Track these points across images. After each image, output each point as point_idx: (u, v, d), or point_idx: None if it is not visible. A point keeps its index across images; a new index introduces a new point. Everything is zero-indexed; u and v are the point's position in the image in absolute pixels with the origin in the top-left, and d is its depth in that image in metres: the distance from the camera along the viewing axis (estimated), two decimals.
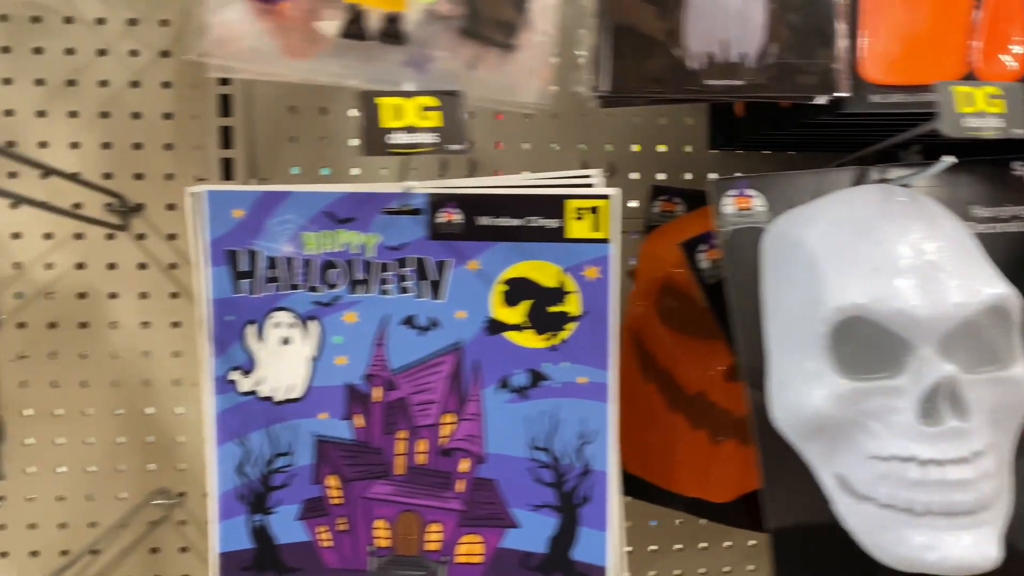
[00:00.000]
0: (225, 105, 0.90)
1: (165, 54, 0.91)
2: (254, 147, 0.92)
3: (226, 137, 0.90)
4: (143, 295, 0.94)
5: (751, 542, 1.04)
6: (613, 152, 0.99)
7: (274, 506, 0.78)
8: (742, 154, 1.01)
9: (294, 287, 0.76)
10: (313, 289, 0.76)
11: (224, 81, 0.89)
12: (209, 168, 0.91)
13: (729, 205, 0.74)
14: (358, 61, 0.63)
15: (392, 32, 0.62)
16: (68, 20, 0.90)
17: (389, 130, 0.56)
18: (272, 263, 0.76)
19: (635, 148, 1.00)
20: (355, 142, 0.95)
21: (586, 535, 0.75)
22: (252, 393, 0.77)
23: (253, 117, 0.92)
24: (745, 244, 0.73)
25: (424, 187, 0.70)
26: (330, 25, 0.61)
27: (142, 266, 0.93)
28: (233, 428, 0.78)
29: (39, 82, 0.90)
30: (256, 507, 0.78)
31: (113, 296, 0.94)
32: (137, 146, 0.92)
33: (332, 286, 0.75)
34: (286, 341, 0.77)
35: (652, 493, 0.89)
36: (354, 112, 0.94)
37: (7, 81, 0.90)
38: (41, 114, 0.90)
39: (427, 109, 0.57)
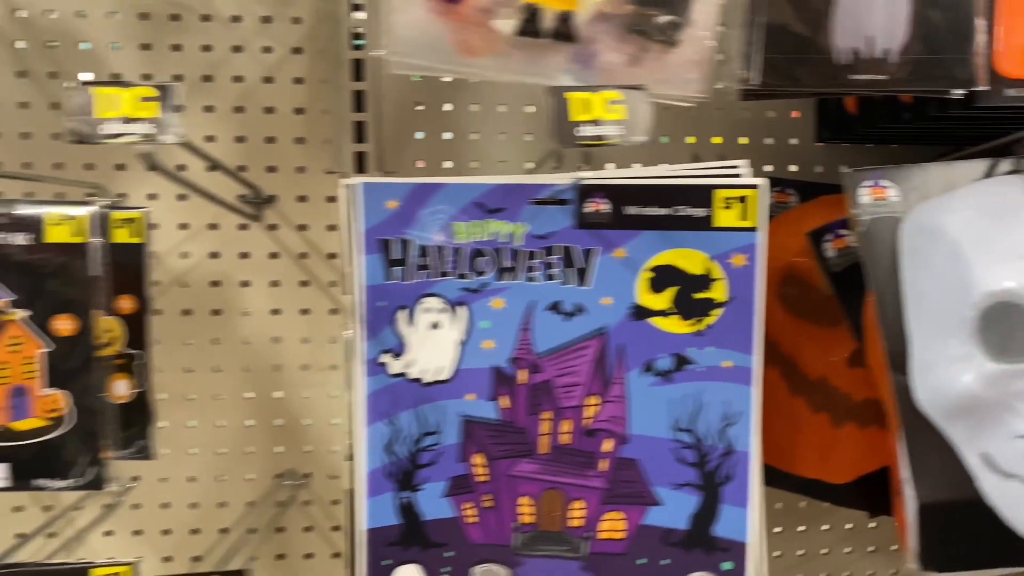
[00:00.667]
0: (358, 101, 0.93)
1: (297, 51, 0.95)
2: (382, 142, 0.96)
3: (358, 132, 0.94)
4: (274, 283, 0.97)
5: (871, 524, 1.06)
6: (722, 144, 1.02)
7: (421, 483, 0.81)
8: (846, 147, 1.03)
9: (444, 274, 0.79)
10: (462, 276, 0.79)
11: (358, 78, 0.93)
12: (340, 161, 0.95)
13: (865, 195, 0.77)
14: (528, 58, 0.66)
15: (564, 30, 0.65)
16: (205, 18, 0.93)
17: (578, 123, 0.59)
18: (423, 251, 0.79)
19: (743, 140, 1.03)
20: (475, 136, 0.98)
21: (728, 512, 0.78)
22: (402, 375, 0.81)
23: (381, 113, 0.95)
24: (883, 233, 0.76)
25: (589, 177, 0.73)
26: (507, 24, 0.64)
27: (273, 255, 0.97)
28: (383, 408, 0.81)
29: (177, 77, 0.94)
30: (404, 484, 0.82)
31: (245, 284, 0.97)
32: (270, 140, 0.95)
33: (480, 273, 0.79)
34: (435, 325, 0.80)
35: (772, 475, 0.92)
36: (476, 107, 0.98)
37: (147, 76, 0.93)
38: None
39: (613, 103, 0.61)
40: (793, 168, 1.04)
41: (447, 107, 0.98)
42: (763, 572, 0.78)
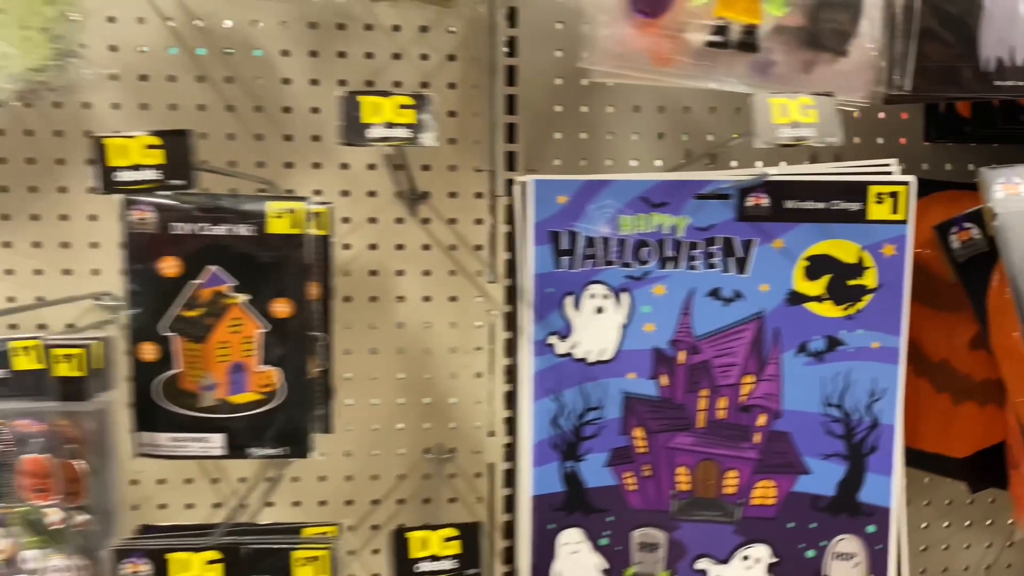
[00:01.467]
0: (510, 104, 1.01)
1: (451, 58, 1.02)
2: (529, 142, 1.03)
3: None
4: (426, 273, 1.05)
5: (968, 501, 1.13)
6: (837, 145, 1.09)
7: (584, 454, 0.89)
8: (952, 146, 1.10)
9: (609, 263, 0.87)
10: (626, 265, 0.87)
11: (511, 83, 1.00)
12: (490, 160, 1.02)
13: (999, 191, 0.84)
14: (712, 66, 0.73)
15: (748, 42, 0.72)
16: (368, 27, 1.01)
17: (779, 125, 0.66)
18: (590, 242, 0.87)
19: (856, 140, 1.10)
20: (610, 136, 1.06)
21: (872, 480, 0.85)
22: (568, 355, 0.89)
23: (528, 115, 1.02)
24: (1016, 224, 0.83)
25: (772, 173, 0.80)
26: (698, 36, 0.71)
27: (426, 247, 1.05)
28: (549, 385, 0.89)
29: (342, 82, 1.01)
30: (568, 455, 0.89)
31: (400, 274, 1.05)
32: None
33: (643, 262, 0.86)
34: (600, 310, 0.88)
35: None
36: (611, 109, 1.05)
37: (314, 82, 1.01)
38: None
39: (806, 107, 0.68)
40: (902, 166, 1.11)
41: (583, 109, 1.05)
42: (903, 536, 0.85)
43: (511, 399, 1.06)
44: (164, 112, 0.99)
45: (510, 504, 1.05)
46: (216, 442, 0.82)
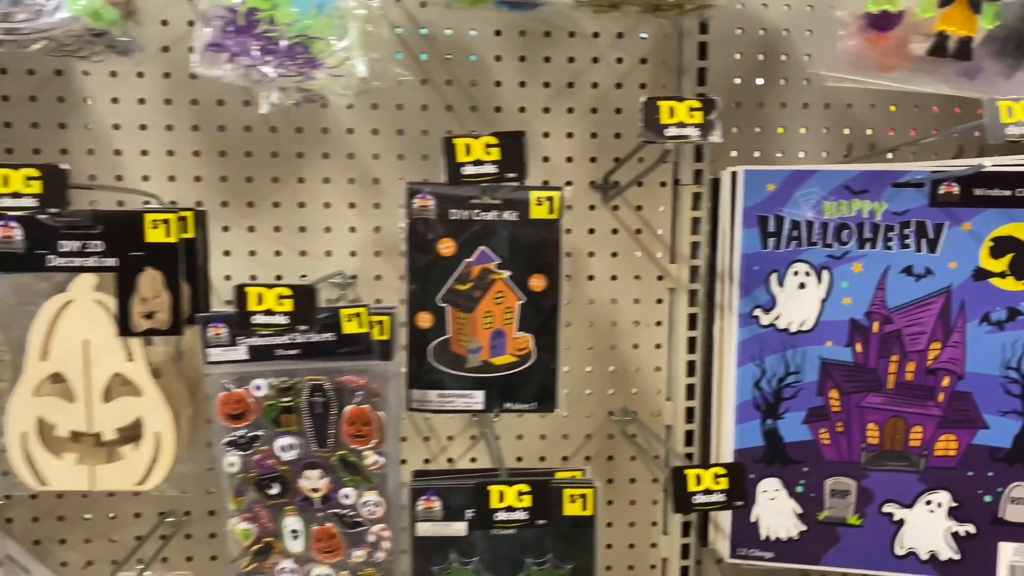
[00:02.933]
0: None
1: (643, 61, 1.14)
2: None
3: None
4: (613, 254, 1.17)
5: None
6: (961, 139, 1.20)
7: (783, 413, 1.01)
8: None
9: (811, 244, 0.99)
10: (828, 245, 0.98)
11: (701, 83, 1.12)
12: (675, 152, 1.14)
13: None
14: (928, 73, 0.85)
15: (963, 51, 0.83)
16: (571, 34, 1.13)
17: (1006, 124, 0.77)
18: (795, 225, 0.98)
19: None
20: (781, 130, 1.17)
21: None
22: (771, 326, 1.01)
23: None
24: None
25: (991, 163, 0.91)
26: (920, 47, 0.83)
27: (614, 231, 1.17)
28: (752, 352, 1.01)
29: (546, 84, 1.13)
30: (768, 414, 1.02)
31: (591, 255, 1.17)
32: (617, 135, 1.15)
33: (843, 243, 0.98)
34: (802, 286, 1.00)
35: None
36: (782, 106, 1.17)
37: (522, 84, 1.13)
38: (546, 110, 1.14)
39: None
40: None
41: (759, 105, 1.17)
42: None
43: (692, 367, 1.19)
44: (392, 111, 1.12)
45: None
46: (478, 398, 0.95)
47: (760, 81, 1.16)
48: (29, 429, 0.86)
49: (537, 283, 0.93)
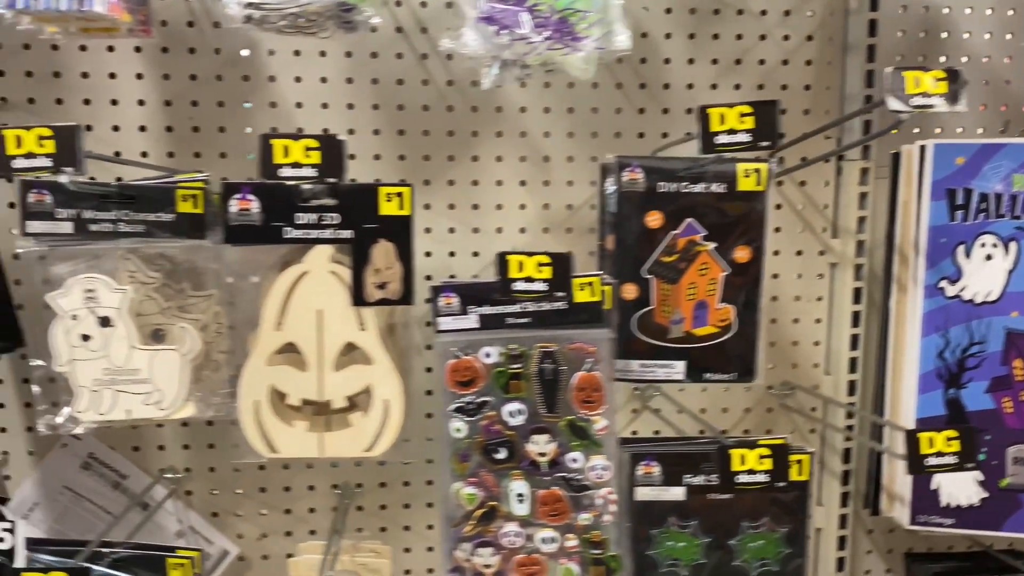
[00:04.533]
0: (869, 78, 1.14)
1: (809, 38, 1.15)
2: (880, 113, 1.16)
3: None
4: (776, 229, 1.19)
5: None
6: None
7: (966, 382, 1.03)
8: None
9: (999, 216, 1.00)
10: (1015, 217, 1.00)
11: (870, 59, 1.14)
12: (838, 128, 1.16)
13: None
14: None
15: None
16: (739, 12, 1.14)
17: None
18: (983, 198, 1.00)
19: None
20: None
21: None
22: (956, 297, 1.02)
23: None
24: None
25: None
26: None
27: (778, 206, 1.18)
28: (937, 323, 1.03)
29: (714, 61, 1.15)
30: (951, 383, 1.03)
31: None
32: (782, 111, 1.15)
33: None
34: (989, 257, 1.01)
35: None
36: None
37: (691, 61, 1.15)
38: (714, 87, 1.15)
39: None
40: None
41: None
42: None
43: (855, 341, 1.21)
44: (563, 90, 1.13)
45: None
46: (679, 369, 0.97)
47: (921, 59, 1.18)
48: (262, 398, 0.89)
49: (741, 255, 0.95)
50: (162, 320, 0.91)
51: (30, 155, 0.75)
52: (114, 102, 1.07)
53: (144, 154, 1.09)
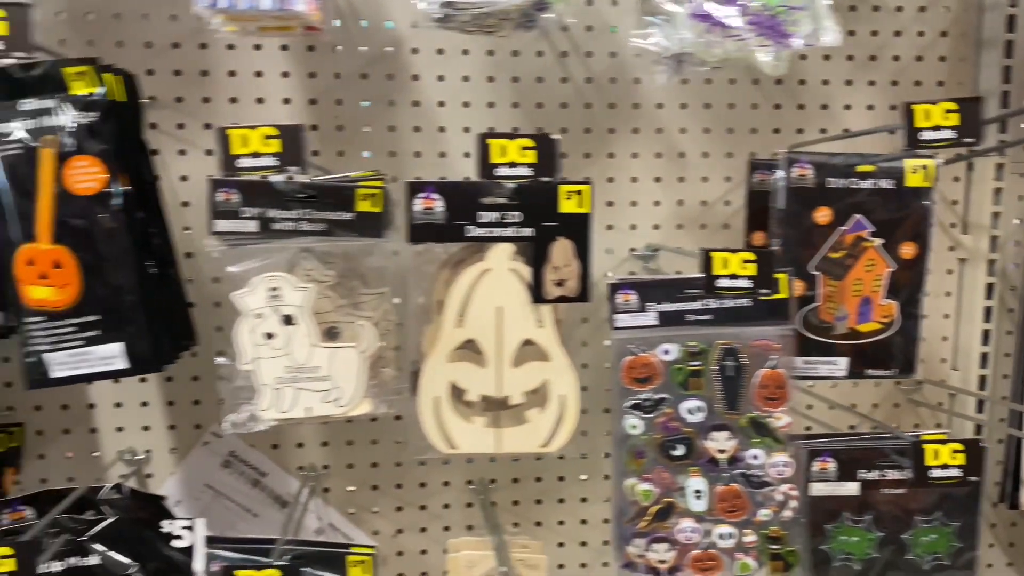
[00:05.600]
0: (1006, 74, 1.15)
1: (944, 34, 1.15)
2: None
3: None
4: None
5: None
6: None
7: None
8: None
9: None
10: None
11: (1008, 55, 1.14)
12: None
13: None
14: None
15: None
16: (875, 8, 1.15)
17: None
18: None
19: None
20: None
21: None
22: None
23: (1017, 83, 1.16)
24: None
25: None
26: None
27: None
28: None
29: (849, 58, 1.15)
30: None
31: None
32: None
33: None
34: None
35: None
36: None
37: (826, 57, 1.15)
38: (848, 83, 1.16)
39: None
40: None
41: None
42: None
43: (986, 336, 1.21)
44: (700, 86, 1.14)
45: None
46: (841, 365, 0.97)
47: None
48: (442, 394, 0.89)
49: (907, 251, 0.95)
50: (336, 318, 0.91)
51: (256, 154, 0.76)
52: (260, 100, 1.08)
53: None
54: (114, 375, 0.79)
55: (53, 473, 1.10)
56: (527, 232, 0.86)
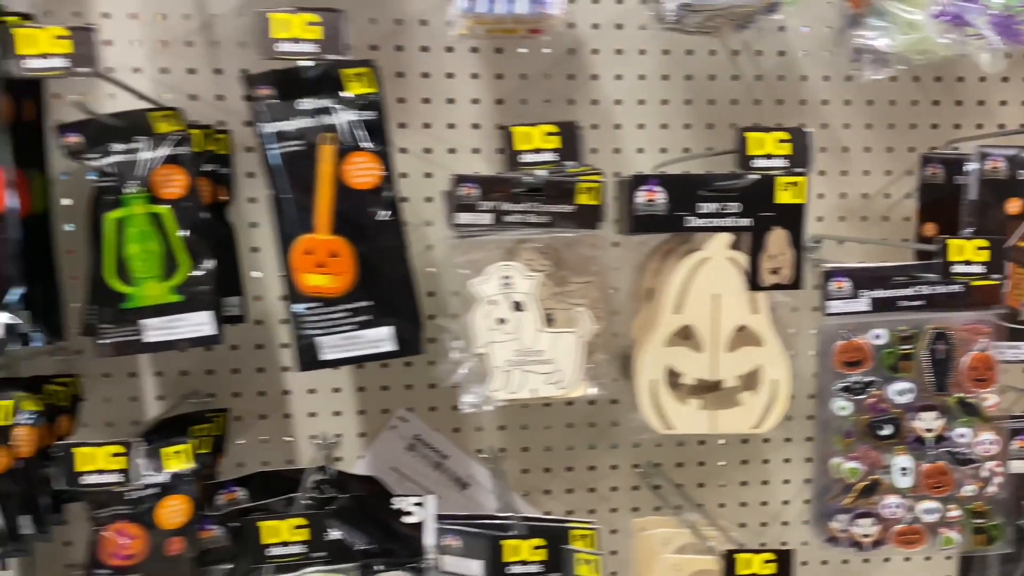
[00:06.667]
0: None
1: None
2: None
3: None
4: None
5: None
6: None
7: None
8: None
9: None
10: None
11: None
12: None
13: None
14: None
15: None
16: None
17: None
18: None
19: None
20: None
21: None
22: None
23: None
24: None
25: None
26: None
27: None
28: None
29: (1007, 55, 1.19)
30: None
31: None
32: None
33: None
34: None
35: None
36: None
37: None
38: (1005, 79, 1.20)
39: None
40: None
41: None
42: None
43: None
44: (863, 84, 1.17)
45: None
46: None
47: None
48: (659, 377, 0.94)
49: None
50: (551, 305, 0.96)
51: (538, 150, 0.81)
52: (450, 101, 1.13)
53: (476, 151, 1.14)
54: (382, 357, 0.84)
55: (248, 457, 1.16)
56: (744, 222, 0.91)
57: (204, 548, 0.90)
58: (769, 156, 0.83)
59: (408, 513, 0.94)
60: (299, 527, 0.81)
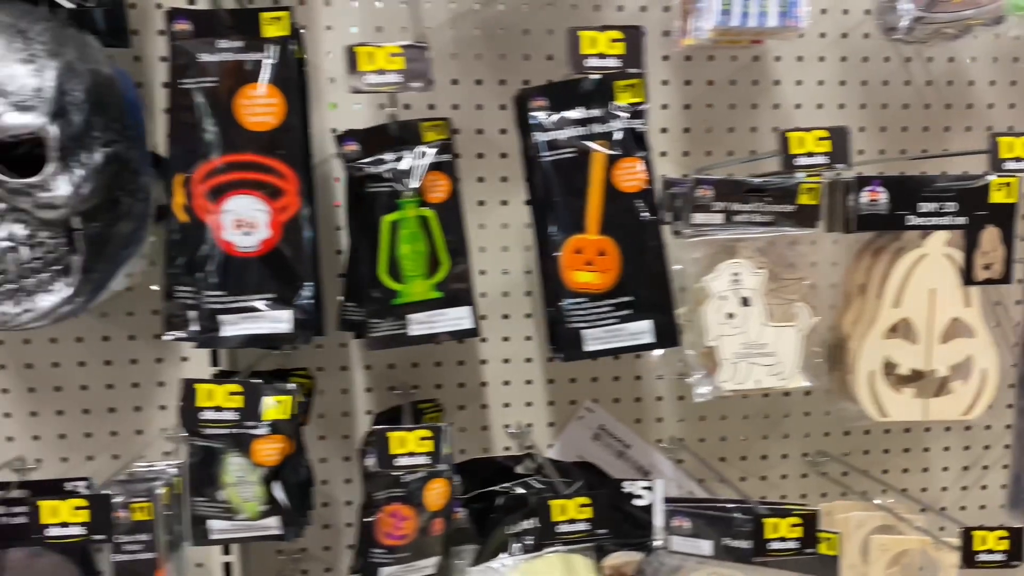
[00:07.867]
0: None
1: None
2: None
3: None
4: None
5: None
6: None
7: None
8: None
9: None
10: None
11: None
12: None
13: None
14: None
15: None
16: None
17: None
18: None
19: None
20: None
21: None
22: None
23: None
24: None
25: None
26: None
27: None
28: None
29: None
30: None
31: None
32: None
33: None
34: None
35: None
36: None
37: None
38: None
39: None
40: None
41: None
42: None
43: None
44: None
45: None
46: None
47: None
48: (876, 368, 0.99)
49: None
50: (768, 300, 1.02)
51: (810, 154, 0.86)
52: None
53: (663, 154, 1.20)
54: (640, 349, 0.89)
55: None
56: (960, 221, 0.96)
57: (455, 528, 0.96)
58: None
59: (639, 496, 1.00)
60: (583, 506, 0.86)
